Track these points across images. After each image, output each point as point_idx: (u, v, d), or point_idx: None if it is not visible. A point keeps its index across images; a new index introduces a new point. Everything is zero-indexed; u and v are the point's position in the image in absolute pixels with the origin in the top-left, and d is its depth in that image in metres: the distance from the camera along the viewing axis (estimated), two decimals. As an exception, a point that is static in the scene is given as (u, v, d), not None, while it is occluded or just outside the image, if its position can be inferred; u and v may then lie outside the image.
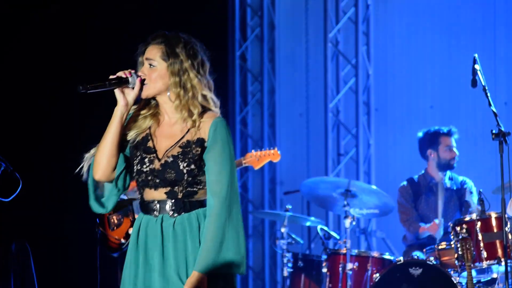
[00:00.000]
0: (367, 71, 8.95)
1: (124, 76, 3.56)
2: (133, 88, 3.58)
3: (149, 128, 3.64)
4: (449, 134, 7.14)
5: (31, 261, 6.13)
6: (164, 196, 3.56)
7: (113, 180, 3.64)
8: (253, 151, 5.61)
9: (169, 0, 8.30)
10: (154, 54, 3.59)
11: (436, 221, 6.83)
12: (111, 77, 3.56)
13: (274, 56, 9.32)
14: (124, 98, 3.57)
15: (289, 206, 6.93)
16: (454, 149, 7.13)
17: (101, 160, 3.58)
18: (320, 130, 9.02)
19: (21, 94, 7.38)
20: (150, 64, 3.59)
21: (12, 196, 5.14)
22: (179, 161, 3.53)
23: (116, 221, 5.47)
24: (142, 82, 3.58)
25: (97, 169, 3.59)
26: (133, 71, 3.59)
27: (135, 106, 3.66)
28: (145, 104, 3.67)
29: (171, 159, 3.54)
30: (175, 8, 8.25)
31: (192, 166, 3.53)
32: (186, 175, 3.52)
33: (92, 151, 3.64)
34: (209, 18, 8.68)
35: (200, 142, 3.55)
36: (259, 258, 9.28)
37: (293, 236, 6.91)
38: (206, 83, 3.62)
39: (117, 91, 3.57)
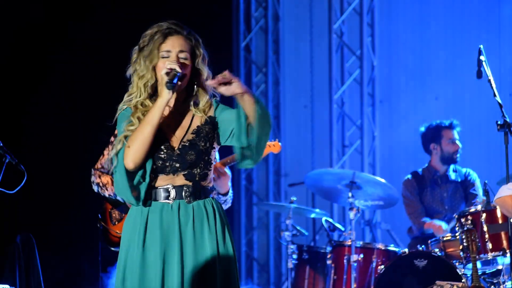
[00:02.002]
0: (371, 62, 8.94)
1: (180, 72, 3.56)
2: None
3: None
4: (451, 127, 7.13)
5: (36, 253, 6.14)
6: (181, 181, 3.60)
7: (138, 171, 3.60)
8: (254, 143, 5.63)
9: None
10: (185, 46, 3.62)
11: (443, 226, 6.82)
12: (172, 70, 3.55)
13: (279, 48, 9.31)
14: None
15: (293, 198, 6.92)
16: (457, 142, 7.12)
17: (140, 149, 3.53)
18: (325, 122, 9.01)
19: (25, 88, 7.38)
20: (181, 57, 3.61)
21: (17, 189, 5.14)
22: (196, 142, 3.60)
23: (118, 216, 5.48)
24: (182, 77, 3.60)
25: (136, 157, 3.53)
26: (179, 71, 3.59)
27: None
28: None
29: (187, 143, 3.61)
30: (178, 0, 8.23)
31: (208, 144, 3.62)
32: (204, 154, 3.60)
33: (119, 145, 3.58)
34: (213, 10, 8.66)
35: (210, 119, 3.65)
36: (264, 250, 9.28)
37: (298, 228, 6.90)
38: None
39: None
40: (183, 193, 3.59)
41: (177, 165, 3.58)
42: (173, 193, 3.60)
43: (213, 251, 3.57)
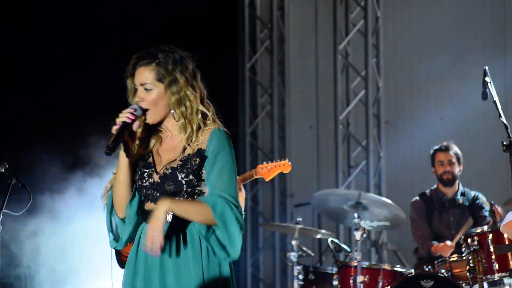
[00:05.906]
0: (377, 83, 8.95)
1: (129, 120, 3.49)
2: (144, 118, 3.54)
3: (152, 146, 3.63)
4: (441, 149, 7.17)
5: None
6: None
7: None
8: (264, 163, 5.62)
9: (178, 13, 8.32)
10: (146, 77, 3.53)
11: (448, 242, 6.81)
12: (116, 127, 3.47)
13: (284, 69, 9.34)
14: (130, 141, 3.52)
15: (299, 219, 6.91)
16: (446, 164, 7.12)
17: (122, 202, 3.56)
18: (330, 142, 9.02)
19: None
20: (146, 89, 3.53)
21: (23, 211, 5.15)
22: (177, 173, 3.49)
23: (130, 236, 5.49)
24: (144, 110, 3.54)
25: (121, 210, 3.58)
26: (136, 107, 3.52)
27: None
28: (146, 125, 3.60)
29: (169, 171, 3.51)
30: (185, 22, 8.27)
31: (191, 177, 3.48)
32: (185, 185, 3.48)
33: (109, 184, 3.61)
34: (218, 31, 8.69)
35: (199, 152, 3.51)
36: (270, 270, 9.26)
37: (304, 248, 6.89)
38: (199, 93, 3.59)
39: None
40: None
41: (158, 194, 3.52)
42: None
43: (199, 273, 3.49)
